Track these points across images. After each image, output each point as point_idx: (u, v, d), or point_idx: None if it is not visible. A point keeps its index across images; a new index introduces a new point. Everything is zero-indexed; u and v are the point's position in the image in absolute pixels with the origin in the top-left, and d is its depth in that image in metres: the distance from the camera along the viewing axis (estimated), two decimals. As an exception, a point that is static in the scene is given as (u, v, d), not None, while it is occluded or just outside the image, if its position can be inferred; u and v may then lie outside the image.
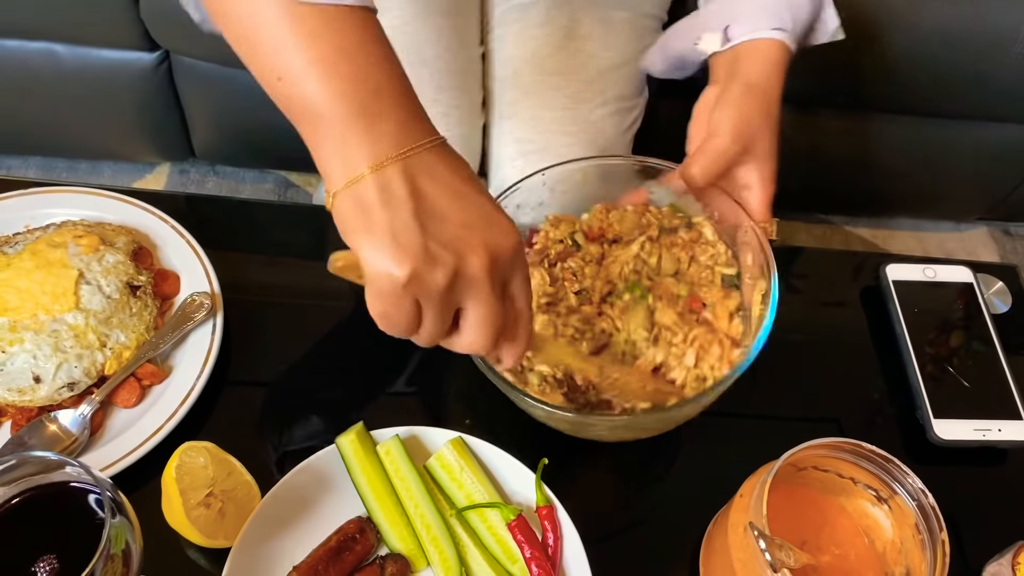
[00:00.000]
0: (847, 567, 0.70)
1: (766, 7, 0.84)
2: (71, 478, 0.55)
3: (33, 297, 0.78)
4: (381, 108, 0.55)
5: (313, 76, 0.55)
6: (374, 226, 0.55)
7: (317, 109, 0.56)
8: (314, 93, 0.55)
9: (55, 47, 1.50)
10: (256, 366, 0.85)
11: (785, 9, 0.84)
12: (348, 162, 0.55)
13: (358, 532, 0.72)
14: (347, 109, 0.54)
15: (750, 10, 0.84)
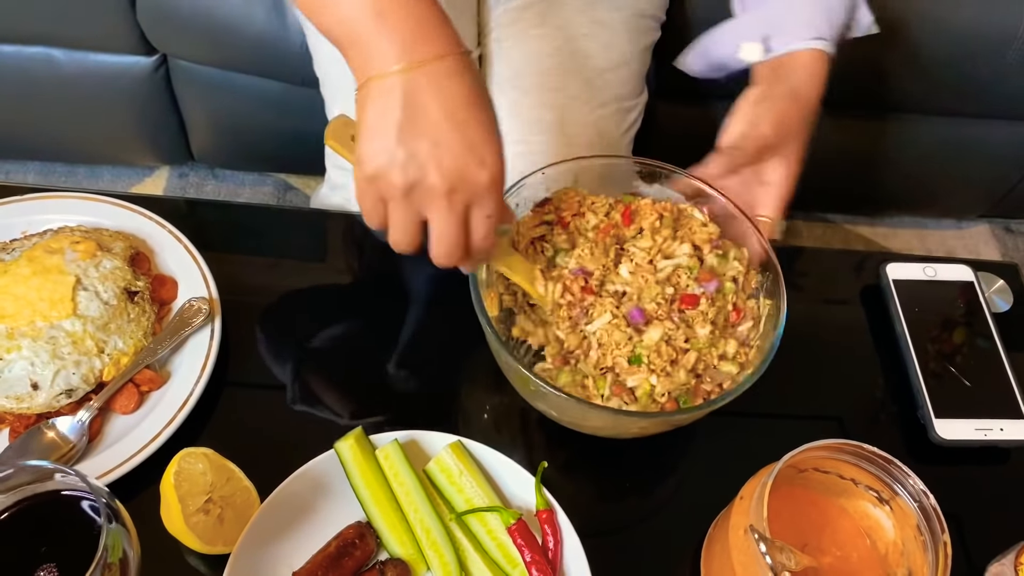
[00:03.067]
0: (848, 569, 0.69)
1: (804, 17, 0.85)
2: (67, 486, 0.55)
3: (30, 304, 0.77)
4: (398, 16, 0.61)
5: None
6: (364, 124, 0.63)
7: (349, 23, 0.62)
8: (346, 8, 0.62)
9: (53, 52, 1.50)
10: (254, 371, 0.84)
11: (822, 17, 0.85)
12: (366, 65, 0.62)
13: (357, 537, 0.71)
14: (368, 14, 0.61)
15: (789, 20, 0.86)
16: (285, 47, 1.37)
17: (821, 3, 0.86)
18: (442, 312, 0.90)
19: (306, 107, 1.44)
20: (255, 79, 1.49)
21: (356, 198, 0.66)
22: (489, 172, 0.63)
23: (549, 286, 0.77)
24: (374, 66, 0.62)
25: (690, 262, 0.78)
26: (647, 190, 0.84)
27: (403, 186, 0.62)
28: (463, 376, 0.87)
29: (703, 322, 0.75)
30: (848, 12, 0.88)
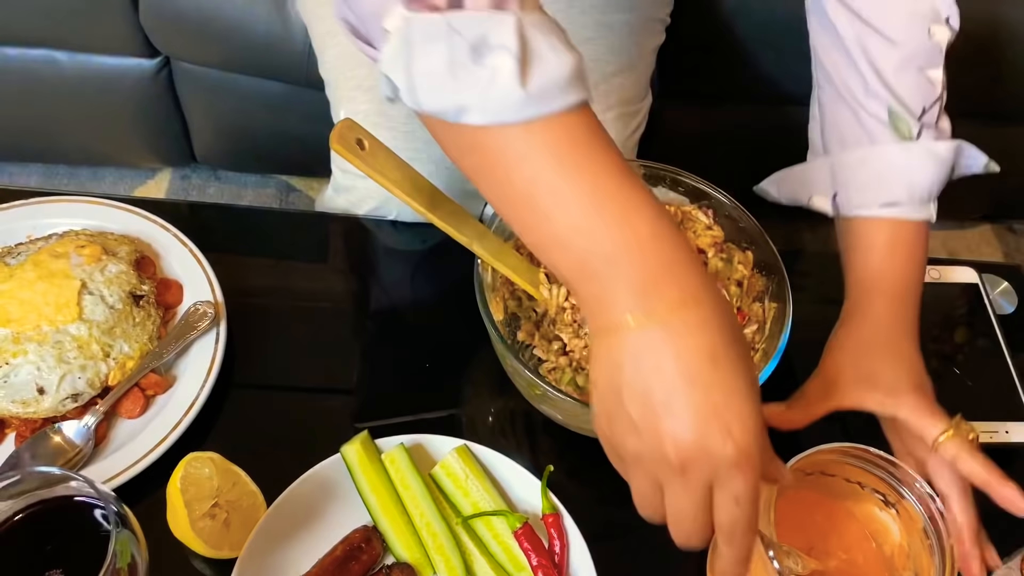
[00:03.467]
0: (855, 572, 0.69)
1: (876, 173, 0.79)
2: (75, 492, 0.55)
3: (36, 308, 0.78)
4: (632, 262, 0.53)
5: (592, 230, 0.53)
6: (593, 379, 0.56)
7: (579, 265, 0.55)
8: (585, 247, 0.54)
9: (56, 54, 1.50)
10: (260, 375, 0.84)
11: (898, 176, 0.78)
12: (596, 312, 0.54)
13: (364, 541, 0.71)
14: (598, 258, 0.53)
15: (859, 177, 0.80)
16: (288, 48, 1.37)
17: (899, 163, 0.79)
18: (448, 316, 0.90)
19: (309, 109, 1.45)
20: (258, 80, 1.49)
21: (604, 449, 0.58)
22: (735, 445, 0.51)
23: (553, 290, 0.77)
24: (604, 316, 0.53)
25: None
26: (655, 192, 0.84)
27: (633, 452, 0.54)
28: (469, 380, 0.87)
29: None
30: (939, 169, 0.79)
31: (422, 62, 0.53)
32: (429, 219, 0.71)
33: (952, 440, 0.68)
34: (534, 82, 0.51)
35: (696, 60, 1.43)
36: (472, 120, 0.52)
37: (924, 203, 0.79)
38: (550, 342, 0.79)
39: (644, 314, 0.52)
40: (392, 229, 0.98)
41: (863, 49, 0.79)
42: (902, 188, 0.78)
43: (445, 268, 0.93)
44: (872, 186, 0.79)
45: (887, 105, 0.78)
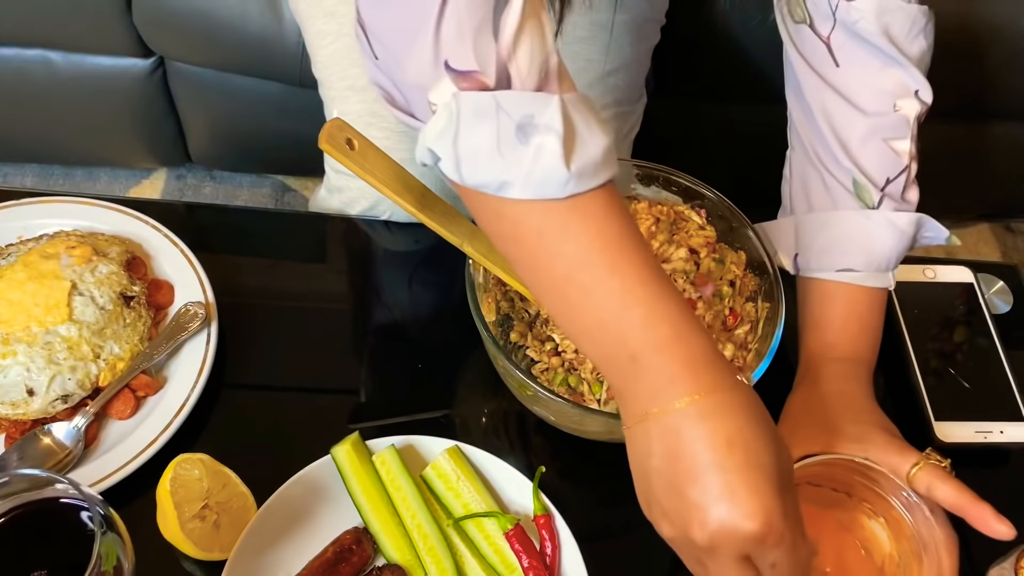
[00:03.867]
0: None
1: (835, 238, 0.80)
2: (61, 494, 0.55)
3: (25, 309, 0.77)
4: (655, 360, 0.56)
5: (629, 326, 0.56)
6: (632, 465, 0.59)
7: (608, 358, 0.58)
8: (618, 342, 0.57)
9: (50, 54, 1.50)
10: (252, 375, 0.84)
11: (856, 243, 0.80)
12: (626, 403, 0.58)
13: (355, 543, 0.71)
14: (623, 356, 0.56)
15: (819, 240, 0.81)
16: (282, 48, 1.37)
17: (858, 230, 0.80)
18: (440, 316, 0.90)
19: (304, 108, 1.44)
20: (252, 80, 1.49)
21: None
22: (757, 524, 0.52)
23: None
24: (631, 407, 0.57)
25: (686, 266, 0.78)
26: (644, 192, 0.84)
27: (668, 536, 0.57)
28: (462, 380, 0.87)
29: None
30: (902, 240, 0.80)
31: (470, 139, 0.54)
32: (419, 219, 0.71)
33: (924, 470, 0.68)
34: (576, 162, 0.54)
35: (691, 60, 1.43)
36: (513, 194, 0.55)
37: (882, 272, 0.81)
38: (543, 343, 0.78)
39: (665, 406, 0.55)
40: (385, 229, 0.98)
41: (830, 116, 0.81)
42: (860, 255, 0.79)
43: (438, 268, 0.93)
44: (830, 251, 0.80)
45: (851, 175, 0.80)
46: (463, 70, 0.54)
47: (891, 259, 0.80)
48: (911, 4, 0.78)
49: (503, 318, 0.80)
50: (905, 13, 0.78)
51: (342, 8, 1.03)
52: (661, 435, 0.55)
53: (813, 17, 0.81)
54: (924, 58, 0.81)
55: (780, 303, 0.75)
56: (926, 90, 0.79)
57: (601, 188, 0.56)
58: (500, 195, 0.55)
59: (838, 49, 0.80)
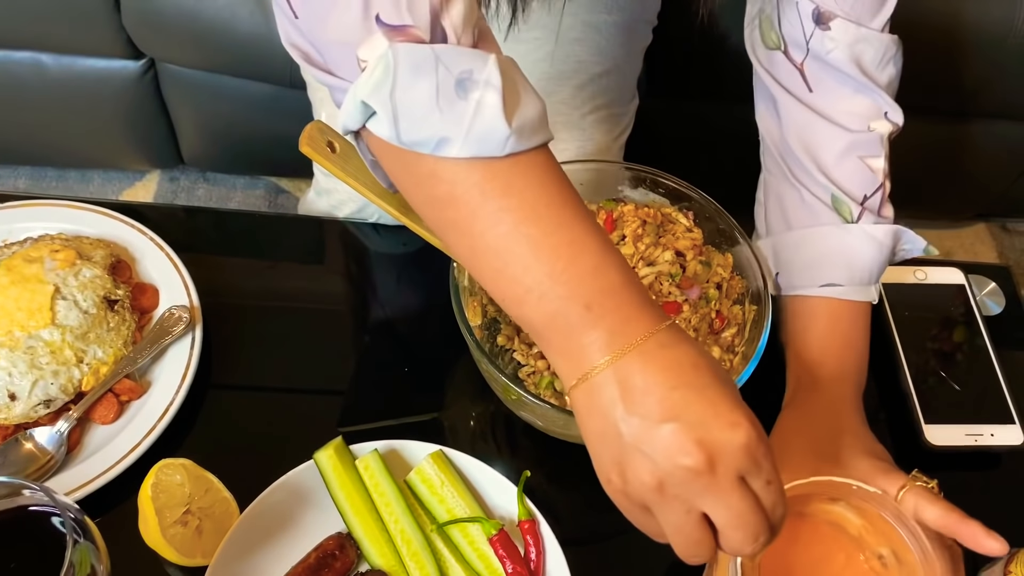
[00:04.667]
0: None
1: (816, 254, 0.80)
2: (35, 502, 0.54)
3: (8, 313, 0.77)
4: (606, 305, 0.54)
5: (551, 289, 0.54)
6: (588, 434, 0.55)
7: (553, 316, 0.55)
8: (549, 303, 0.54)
9: (41, 57, 1.49)
10: (236, 379, 0.84)
11: (838, 258, 0.79)
12: (573, 364, 0.54)
13: (338, 548, 0.70)
14: (577, 307, 0.54)
15: (800, 257, 0.81)
16: (271, 49, 1.37)
17: (839, 245, 0.80)
18: (427, 319, 0.90)
19: (295, 109, 1.43)
20: (243, 82, 1.49)
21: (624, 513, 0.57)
22: (744, 432, 0.51)
23: None
24: (579, 365, 0.53)
25: (672, 269, 0.77)
26: (631, 194, 0.84)
27: (655, 483, 0.52)
28: (448, 384, 0.86)
29: (686, 329, 0.74)
30: (882, 253, 0.81)
31: (409, 92, 0.53)
32: (402, 222, 0.71)
33: (910, 492, 0.67)
34: (517, 119, 0.53)
35: (683, 62, 1.42)
36: (452, 152, 0.53)
37: (864, 285, 0.80)
38: (529, 346, 0.78)
39: (618, 350, 0.52)
40: (373, 232, 0.98)
41: (805, 136, 0.81)
42: (842, 270, 0.79)
43: (426, 271, 0.93)
44: (812, 267, 0.80)
45: (830, 192, 0.80)
46: (395, 24, 0.53)
47: (873, 272, 0.80)
48: (883, 33, 0.80)
49: (490, 321, 0.79)
50: (878, 42, 0.79)
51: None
52: (624, 377, 0.52)
53: (787, 44, 0.82)
54: (893, 84, 0.82)
55: (767, 306, 0.74)
56: (896, 112, 0.81)
57: (540, 149, 0.55)
58: (438, 154, 0.53)
59: (811, 76, 0.81)
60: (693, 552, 0.54)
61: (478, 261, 0.57)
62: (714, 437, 0.51)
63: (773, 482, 0.53)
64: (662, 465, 0.51)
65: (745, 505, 0.52)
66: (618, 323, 0.53)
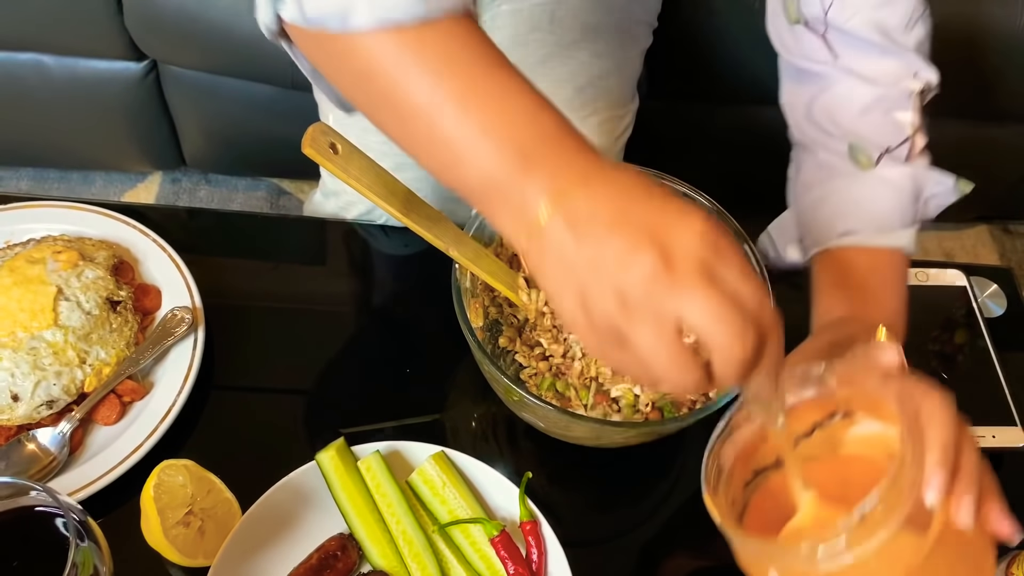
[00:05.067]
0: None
1: (832, 208, 0.78)
2: (37, 503, 0.54)
3: (11, 315, 0.77)
4: (542, 151, 0.51)
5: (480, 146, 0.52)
6: (547, 286, 0.52)
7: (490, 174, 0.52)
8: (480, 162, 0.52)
9: (43, 58, 1.50)
10: (239, 381, 0.84)
11: (853, 206, 0.77)
12: (517, 220, 0.52)
13: (339, 549, 0.71)
14: (514, 159, 0.51)
15: (819, 215, 0.78)
16: (274, 50, 1.35)
17: (852, 194, 0.77)
18: (430, 321, 0.90)
19: (298, 111, 1.43)
20: (245, 83, 1.49)
21: (602, 358, 0.53)
22: (698, 220, 0.48)
23: (533, 294, 0.76)
24: (527, 215, 0.51)
25: None
26: None
27: (618, 304, 0.48)
28: (452, 385, 0.86)
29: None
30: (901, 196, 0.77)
31: None
32: (405, 223, 0.71)
33: None
34: None
35: (683, 63, 1.42)
36: (359, 22, 0.51)
37: (884, 231, 0.77)
38: (531, 348, 0.78)
39: (560, 190, 0.50)
40: (379, 233, 0.98)
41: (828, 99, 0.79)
42: (858, 217, 0.76)
43: (432, 273, 0.92)
44: (829, 221, 0.77)
45: (847, 142, 0.77)
46: None
47: (892, 218, 0.76)
48: None
49: (491, 323, 0.79)
50: (902, 4, 0.76)
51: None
52: (572, 208, 0.49)
53: (808, 20, 0.80)
54: (923, 45, 0.79)
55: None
56: (928, 70, 0.77)
57: (460, 19, 0.52)
58: (346, 29, 0.51)
59: (834, 43, 0.78)
60: (679, 376, 0.49)
61: (408, 131, 0.54)
62: (666, 231, 0.47)
63: (747, 274, 0.49)
64: (619, 277, 0.48)
65: (716, 299, 0.47)
66: (559, 166, 0.51)
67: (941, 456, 0.53)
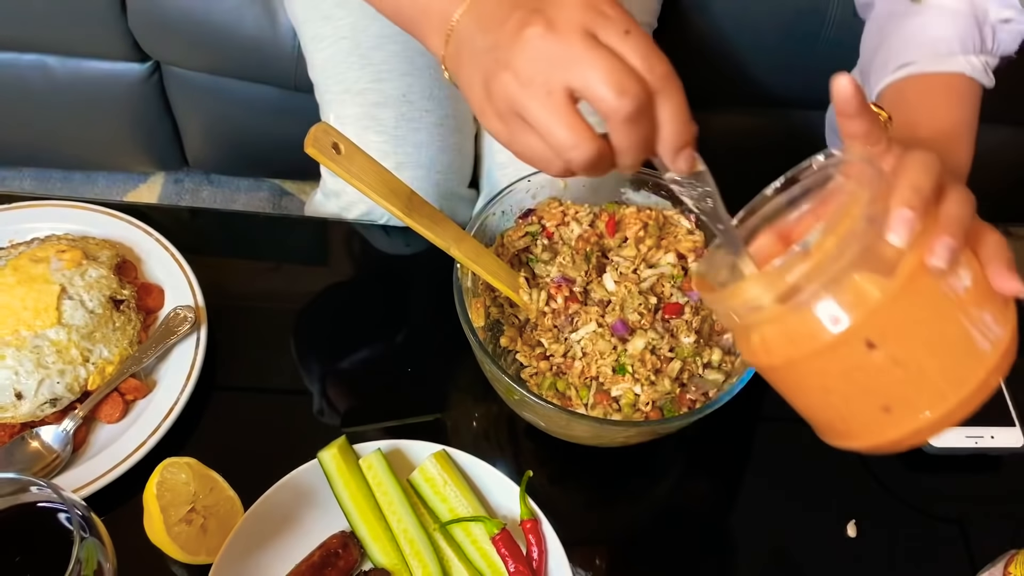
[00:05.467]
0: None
1: (889, 48, 0.76)
2: (40, 498, 0.55)
3: (15, 313, 0.77)
4: None
5: None
6: (463, 86, 0.56)
7: None
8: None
9: (47, 59, 1.50)
10: (241, 379, 0.84)
11: (908, 40, 0.74)
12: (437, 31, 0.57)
13: (341, 547, 0.71)
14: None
15: (876, 62, 0.77)
16: (276, 52, 1.37)
17: (906, 29, 0.75)
18: (429, 321, 0.90)
19: (300, 112, 1.44)
20: (248, 84, 1.49)
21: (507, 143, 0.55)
22: None
23: (534, 294, 0.77)
24: (446, 25, 0.55)
25: (673, 271, 0.77)
26: (634, 196, 0.84)
27: (512, 77, 0.51)
28: (451, 385, 0.87)
29: (687, 331, 0.75)
30: (960, 21, 0.74)
31: None
32: (406, 223, 0.71)
33: None
34: None
35: (683, 65, 1.42)
36: None
37: (940, 57, 0.73)
38: (532, 348, 0.78)
39: None
40: (380, 233, 0.98)
41: (899, 19, 0.77)
42: (912, 48, 0.73)
43: (433, 272, 0.93)
44: (885, 62, 0.75)
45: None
46: None
47: (949, 43, 0.73)
48: None
49: (492, 323, 0.80)
50: None
51: (338, 12, 1.03)
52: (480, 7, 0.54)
53: None
54: None
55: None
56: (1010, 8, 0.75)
57: None
58: None
59: None
60: (578, 143, 0.51)
61: None
62: (551, 3, 0.50)
63: (632, 31, 0.51)
64: (511, 55, 0.51)
65: (596, 58, 0.49)
66: None
67: (909, 195, 0.50)
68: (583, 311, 0.76)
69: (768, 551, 0.79)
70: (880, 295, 0.50)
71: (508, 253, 0.80)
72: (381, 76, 1.00)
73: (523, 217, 0.82)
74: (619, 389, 0.73)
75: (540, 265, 0.79)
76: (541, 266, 0.79)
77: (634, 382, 0.73)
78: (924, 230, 0.50)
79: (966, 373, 0.51)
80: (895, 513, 0.82)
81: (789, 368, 0.54)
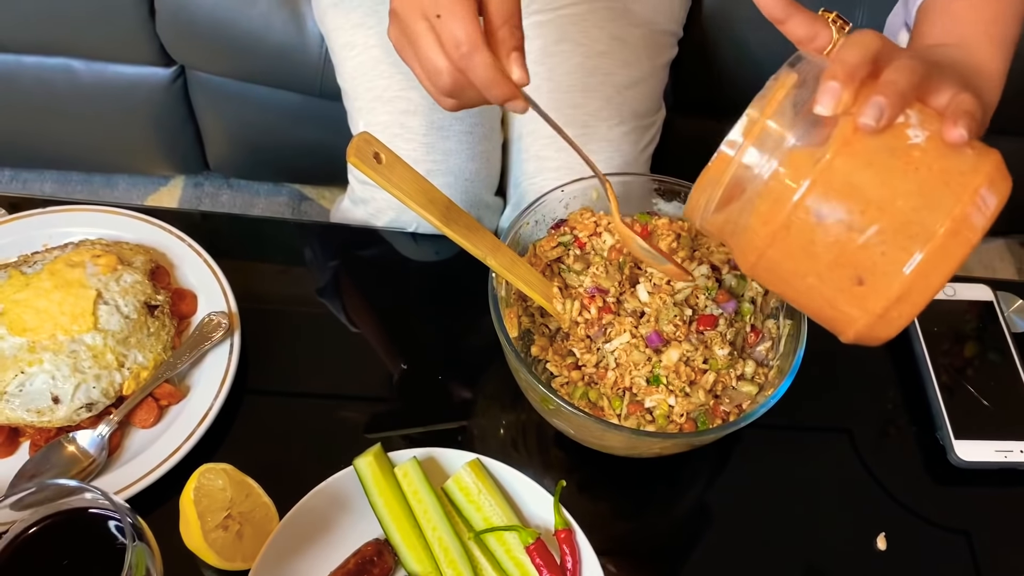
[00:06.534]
0: None
1: None
2: (90, 504, 0.55)
3: (52, 317, 0.78)
4: None
5: None
6: (394, 40, 0.69)
7: None
8: None
9: (72, 63, 1.51)
10: (274, 385, 0.85)
11: None
12: None
13: (376, 555, 0.71)
14: None
15: None
16: (303, 59, 1.38)
17: None
18: (462, 330, 0.91)
19: (322, 118, 1.45)
20: (272, 90, 1.50)
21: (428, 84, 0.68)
22: None
23: (567, 304, 0.77)
24: None
25: (708, 283, 0.78)
26: (665, 207, 0.84)
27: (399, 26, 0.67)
28: (482, 393, 0.87)
29: (721, 343, 0.75)
30: None
31: None
32: (444, 232, 0.72)
33: None
34: None
35: (709, 73, 1.43)
36: None
37: None
38: (563, 357, 0.79)
39: None
40: (410, 240, 0.99)
41: None
42: None
43: (462, 280, 0.93)
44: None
45: None
46: None
47: None
48: None
49: (524, 333, 0.80)
50: None
51: (370, 20, 1.04)
52: None
53: None
54: None
55: (803, 320, 0.75)
56: None
57: None
58: None
59: None
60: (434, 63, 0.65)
61: None
62: None
63: (443, 15, 0.63)
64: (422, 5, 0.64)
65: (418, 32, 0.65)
66: None
67: (834, 69, 0.53)
68: (616, 321, 0.77)
69: (799, 562, 0.79)
70: (813, 164, 0.52)
71: (540, 263, 0.80)
72: (411, 84, 1.00)
73: (555, 227, 0.83)
74: (653, 400, 0.74)
75: (572, 275, 0.79)
76: (573, 276, 0.79)
77: (668, 393, 0.73)
78: (862, 99, 0.52)
79: (929, 225, 0.52)
80: (925, 527, 0.82)
81: (764, 261, 0.56)
